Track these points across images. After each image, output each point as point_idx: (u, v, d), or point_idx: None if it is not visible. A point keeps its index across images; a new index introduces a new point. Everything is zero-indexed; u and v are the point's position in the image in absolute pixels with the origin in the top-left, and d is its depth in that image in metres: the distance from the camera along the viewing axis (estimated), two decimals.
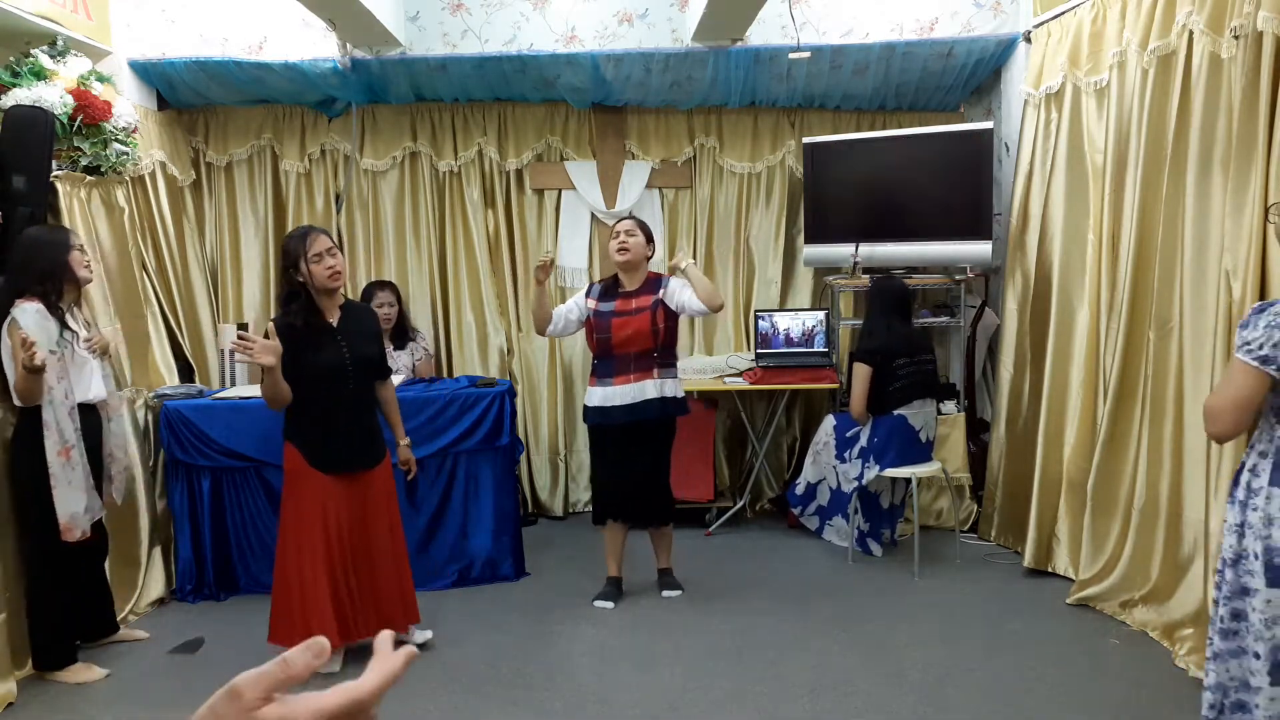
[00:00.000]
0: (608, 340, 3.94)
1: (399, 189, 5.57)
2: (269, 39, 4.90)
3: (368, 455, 3.43)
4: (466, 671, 3.42)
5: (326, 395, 3.34)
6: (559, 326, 4.11)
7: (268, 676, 0.64)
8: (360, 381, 3.42)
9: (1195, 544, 3.41)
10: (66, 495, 3.25)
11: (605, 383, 3.95)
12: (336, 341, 3.36)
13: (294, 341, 3.28)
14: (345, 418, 3.37)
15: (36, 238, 3.43)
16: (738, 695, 3.18)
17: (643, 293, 3.97)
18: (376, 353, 3.50)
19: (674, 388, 3.99)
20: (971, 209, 4.97)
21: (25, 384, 3.17)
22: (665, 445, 4.05)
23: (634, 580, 4.21)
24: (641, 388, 3.91)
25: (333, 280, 3.32)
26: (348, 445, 3.38)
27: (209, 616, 4.04)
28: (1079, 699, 3.10)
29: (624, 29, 4.95)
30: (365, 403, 3.46)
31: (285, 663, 0.64)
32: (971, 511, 5.03)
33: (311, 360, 3.31)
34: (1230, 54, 3.27)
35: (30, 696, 3.27)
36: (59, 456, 3.24)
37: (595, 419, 3.99)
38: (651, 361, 3.93)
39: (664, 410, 3.95)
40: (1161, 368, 3.62)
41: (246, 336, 3.20)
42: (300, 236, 3.35)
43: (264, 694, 0.64)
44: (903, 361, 4.44)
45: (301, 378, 3.29)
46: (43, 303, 3.28)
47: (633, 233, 3.98)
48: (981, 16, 4.92)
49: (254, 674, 0.64)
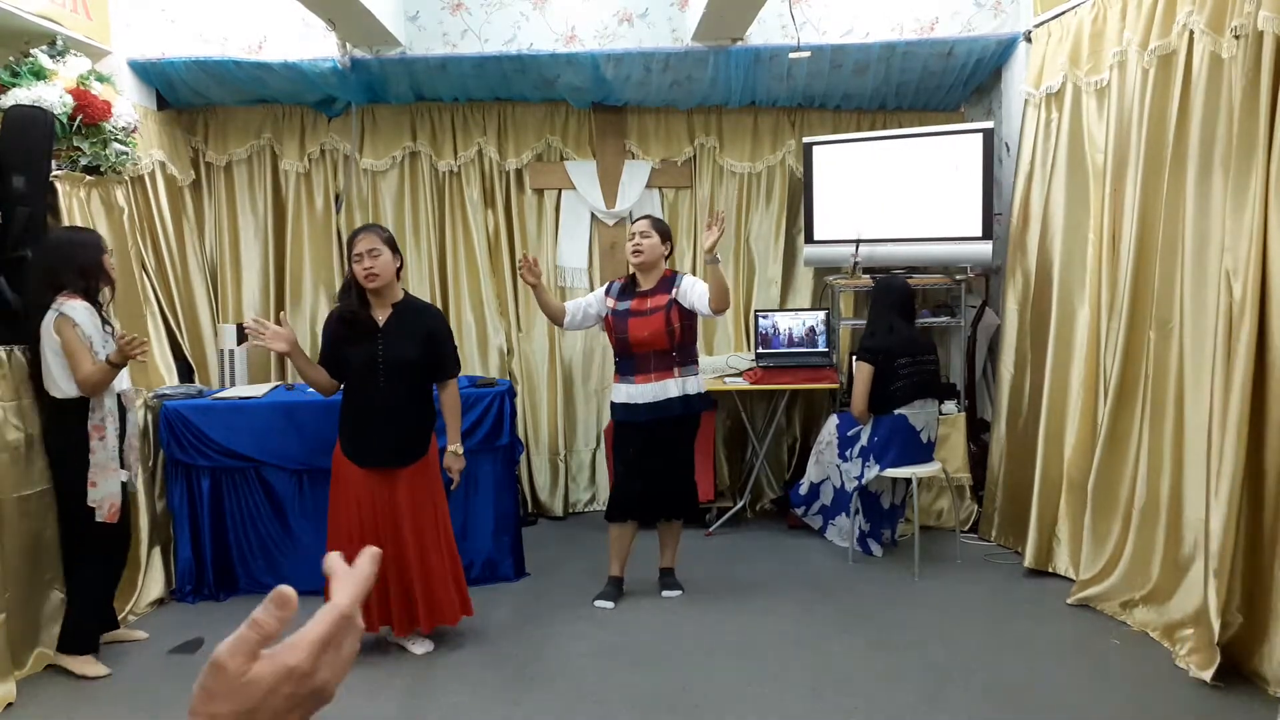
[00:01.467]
0: (625, 340, 3.96)
1: (399, 189, 5.56)
2: (269, 39, 4.90)
3: (397, 455, 3.47)
4: (466, 671, 3.42)
5: (359, 390, 3.48)
6: (577, 319, 4.12)
7: (244, 641, 0.64)
8: (393, 381, 3.44)
9: (1196, 544, 3.41)
10: (113, 481, 3.40)
11: (628, 380, 3.97)
12: (375, 340, 3.43)
13: (337, 334, 3.47)
14: (377, 415, 3.44)
15: (74, 239, 3.51)
16: (738, 695, 3.18)
17: (658, 292, 3.97)
18: (417, 355, 3.47)
19: (696, 384, 4.01)
20: (971, 209, 4.97)
21: (104, 376, 3.31)
22: (689, 441, 4.07)
23: (634, 580, 4.21)
24: (664, 386, 3.92)
25: (367, 280, 3.41)
26: (376, 442, 3.45)
27: (208, 616, 4.04)
28: (1079, 699, 3.10)
29: (624, 29, 4.95)
30: (400, 402, 3.46)
31: (255, 623, 0.65)
32: (972, 512, 5.03)
33: (347, 355, 3.46)
34: (1230, 54, 3.26)
35: (30, 696, 3.27)
36: (115, 443, 3.42)
37: (622, 415, 4.01)
38: (671, 361, 3.94)
39: (686, 408, 3.96)
40: (1162, 368, 3.62)
41: (261, 321, 3.34)
42: (354, 233, 3.51)
43: (246, 658, 0.64)
44: (904, 361, 4.43)
45: (338, 371, 3.49)
46: (86, 300, 3.38)
47: (647, 234, 3.97)
48: (982, 16, 4.92)
49: (229, 642, 0.65)
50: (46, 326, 3.33)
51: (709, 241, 3.77)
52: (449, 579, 3.57)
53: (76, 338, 3.28)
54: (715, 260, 3.76)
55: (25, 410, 3.45)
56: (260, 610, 0.65)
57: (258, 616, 0.65)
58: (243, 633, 0.65)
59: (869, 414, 4.49)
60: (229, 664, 0.64)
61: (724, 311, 3.91)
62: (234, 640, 0.64)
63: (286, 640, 0.65)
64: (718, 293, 3.75)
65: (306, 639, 0.65)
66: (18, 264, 3.54)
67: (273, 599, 0.65)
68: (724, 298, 3.79)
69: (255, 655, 0.64)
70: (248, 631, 0.65)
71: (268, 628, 0.65)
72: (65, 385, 3.34)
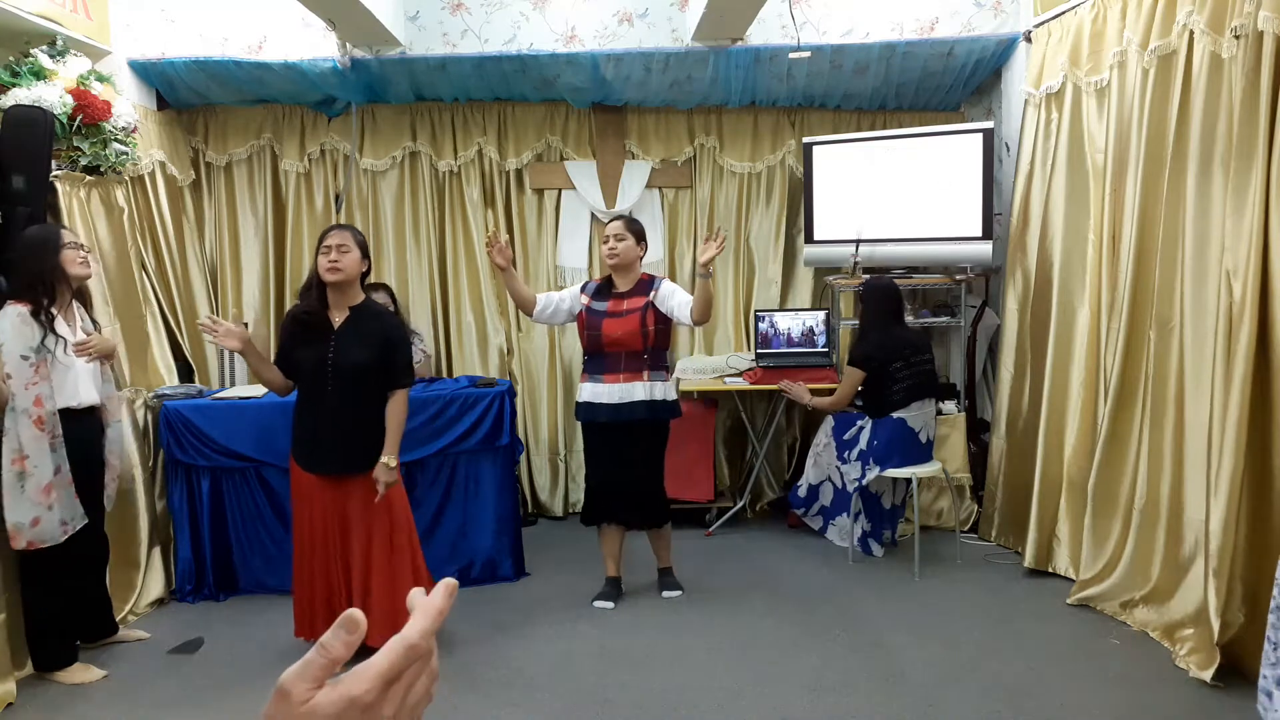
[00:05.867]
0: (598, 337, 3.93)
1: (399, 189, 5.57)
2: (269, 39, 4.90)
3: (346, 462, 3.34)
4: (466, 671, 3.41)
5: (308, 393, 3.39)
6: (547, 313, 4.09)
7: (311, 666, 0.62)
8: (341, 385, 3.31)
9: (1196, 544, 3.41)
10: (17, 504, 3.19)
11: (595, 379, 3.94)
12: (327, 342, 3.33)
13: (292, 333, 3.38)
14: (324, 420, 3.33)
15: (26, 240, 3.40)
16: (738, 695, 3.18)
17: (634, 294, 3.95)
18: (368, 360, 3.31)
19: (664, 390, 3.94)
20: (971, 209, 4.97)
21: None
22: (656, 448, 4.00)
23: (634, 580, 4.21)
24: (630, 389, 3.88)
25: (330, 273, 3.30)
26: (323, 448, 3.35)
27: (209, 616, 4.04)
28: (1079, 699, 3.10)
29: (624, 29, 4.95)
30: (349, 408, 3.32)
31: (323, 647, 0.63)
32: (972, 512, 5.03)
33: (297, 356, 3.37)
34: (1231, 54, 3.26)
35: (30, 696, 3.27)
36: (12, 465, 3.19)
37: (584, 414, 3.99)
38: (641, 363, 3.90)
39: (652, 413, 3.90)
40: (1162, 368, 3.62)
41: (214, 319, 3.26)
42: (327, 230, 3.43)
43: (312, 685, 0.62)
44: (899, 365, 4.43)
45: (289, 371, 3.40)
46: (33, 306, 3.27)
47: (621, 236, 3.95)
48: (982, 16, 4.92)
49: (296, 668, 0.63)
50: None
51: (705, 256, 3.68)
52: (398, 593, 3.37)
53: None
54: (707, 275, 3.70)
55: None
56: (329, 634, 0.63)
57: (325, 640, 0.63)
58: (310, 657, 0.63)
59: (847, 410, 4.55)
60: (293, 690, 0.62)
61: (705, 323, 3.90)
62: (301, 665, 0.63)
63: (353, 669, 0.64)
64: (703, 305, 3.73)
65: (372, 670, 0.64)
66: None
67: (342, 623, 0.64)
68: (708, 310, 3.76)
69: (320, 682, 0.63)
70: (314, 656, 0.63)
71: (335, 652, 0.63)
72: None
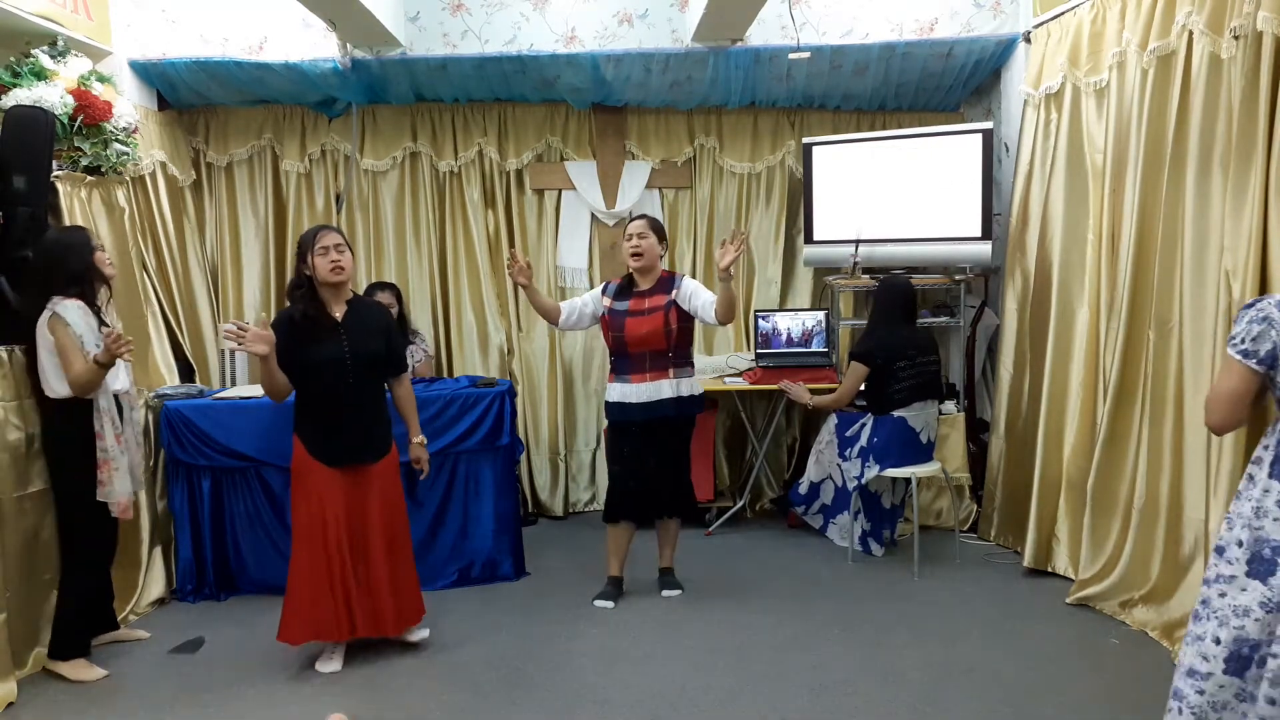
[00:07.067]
0: (622, 339, 3.95)
1: (399, 189, 5.57)
2: (269, 39, 4.91)
3: (370, 450, 3.46)
4: (466, 671, 3.42)
5: (327, 389, 3.40)
6: (572, 320, 4.12)
7: None
8: (361, 377, 3.42)
9: (1195, 544, 3.42)
10: (124, 478, 3.43)
11: (623, 379, 3.98)
12: (338, 336, 3.39)
13: (292, 335, 3.35)
14: (347, 412, 3.40)
15: (64, 240, 3.50)
16: (738, 695, 3.18)
17: (656, 292, 3.97)
18: (381, 349, 3.48)
19: (690, 386, 4.01)
20: (971, 209, 4.98)
21: (93, 376, 3.30)
22: (684, 442, 4.08)
23: (634, 580, 4.21)
24: (657, 387, 3.93)
25: (334, 274, 3.36)
26: (349, 439, 3.42)
27: (209, 616, 4.04)
28: (1078, 699, 3.10)
29: (624, 29, 4.96)
30: (368, 398, 3.47)
31: None
32: (971, 511, 5.03)
33: (310, 354, 3.36)
34: (1230, 54, 3.27)
35: (30, 696, 3.27)
36: (116, 443, 3.41)
37: (615, 415, 4.01)
38: (666, 361, 3.94)
39: (680, 409, 3.96)
40: (1161, 367, 3.62)
41: (241, 324, 3.26)
42: (313, 232, 3.45)
43: None
44: (903, 364, 4.43)
45: (301, 371, 3.37)
46: (84, 301, 3.39)
47: (644, 235, 3.97)
48: (981, 17, 4.93)
49: None
50: (41, 326, 3.34)
51: (725, 260, 3.64)
52: (414, 582, 3.62)
53: (68, 337, 3.29)
54: (728, 278, 3.68)
55: (26, 410, 3.46)
56: None
57: None
58: None
59: (850, 409, 4.54)
60: None
61: (730, 322, 3.95)
62: None
63: None
64: (727, 307, 3.77)
65: None
66: (19, 264, 3.54)
67: None
68: (733, 311, 3.81)
69: None
70: None
71: None
72: (58, 385, 3.34)
